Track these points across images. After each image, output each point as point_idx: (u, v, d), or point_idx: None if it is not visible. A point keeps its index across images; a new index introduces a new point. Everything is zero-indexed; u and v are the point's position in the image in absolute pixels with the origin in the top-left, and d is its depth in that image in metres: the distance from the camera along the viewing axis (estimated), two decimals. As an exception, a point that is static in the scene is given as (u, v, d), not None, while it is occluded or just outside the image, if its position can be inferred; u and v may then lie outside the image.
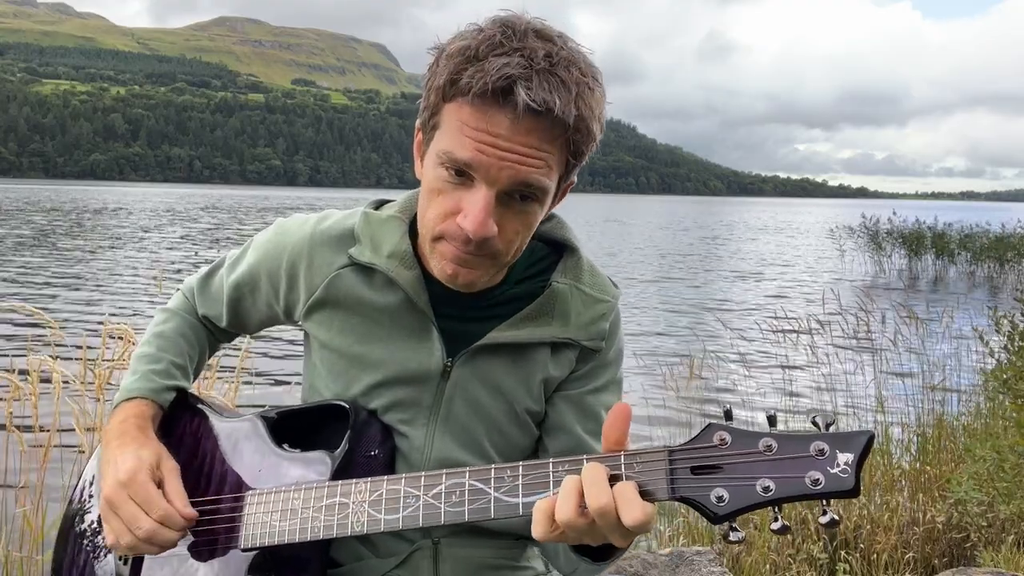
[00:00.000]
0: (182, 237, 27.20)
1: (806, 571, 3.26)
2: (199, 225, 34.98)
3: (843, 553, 3.36)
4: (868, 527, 3.50)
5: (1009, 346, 3.70)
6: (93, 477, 1.28)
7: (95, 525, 1.24)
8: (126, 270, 17.19)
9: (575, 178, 1.18)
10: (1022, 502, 3.12)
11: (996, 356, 3.88)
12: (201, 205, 61.45)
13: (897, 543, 3.43)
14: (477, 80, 0.98)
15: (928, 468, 3.97)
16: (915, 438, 4.45)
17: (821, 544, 3.41)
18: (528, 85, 0.97)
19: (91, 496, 1.27)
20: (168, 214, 44.58)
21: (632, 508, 0.85)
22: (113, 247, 22.67)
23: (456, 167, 1.03)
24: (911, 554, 3.41)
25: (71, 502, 1.30)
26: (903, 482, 4.00)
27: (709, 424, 0.89)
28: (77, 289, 14.34)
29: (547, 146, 1.02)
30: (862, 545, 3.44)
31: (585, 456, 0.92)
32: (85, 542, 1.24)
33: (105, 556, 1.21)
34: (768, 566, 3.26)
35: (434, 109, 1.07)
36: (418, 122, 1.14)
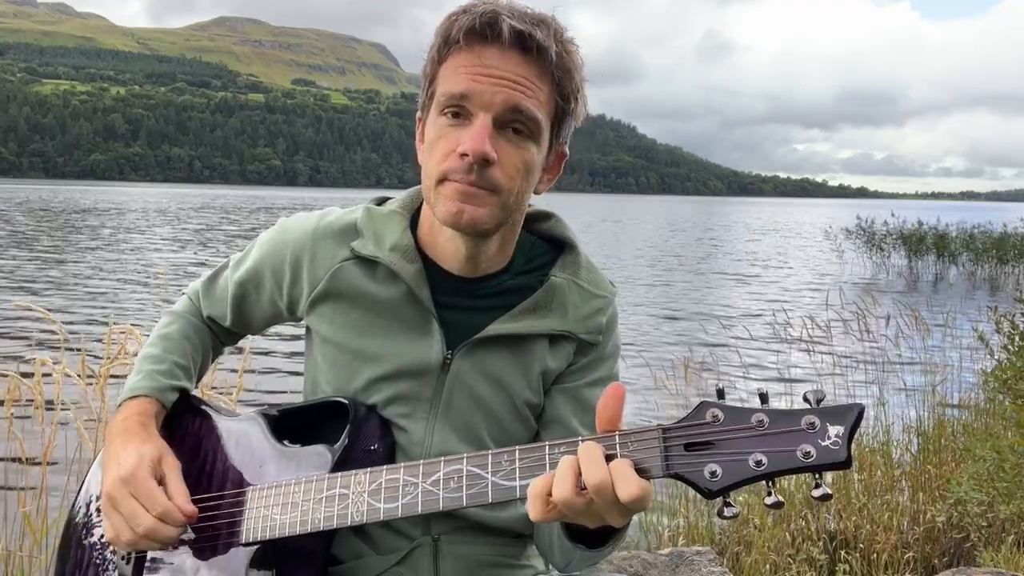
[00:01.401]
0: (172, 239, 27.17)
1: (806, 571, 3.26)
2: (193, 225, 34.96)
3: (843, 553, 3.36)
4: (868, 527, 3.50)
5: (1009, 346, 3.70)
6: (96, 480, 1.28)
7: (98, 527, 1.24)
8: (121, 271, 17.19)
9: (567, 149, 1.23)
10: (1022, 502, 3.12)
11: (996, 356, 3.88)
12: (197, 205, 61.45)
13: (897, 543, 3.44)
14: (466, 22, 1.09)
15: (929, 468, 3.97)
16: (915, 438, 4.45)
17: (821, 545, 3.41)
18: (511, 17, 1.09)
19: (95, 499, 1.28)
20: (161, 214, 44.57)
21: (628, 483, 0.86)
22: (108, 248, 22.67)
23: (453, 103, 1.10)
24: (911, 554, 3.41)
25: (74, 504, 1.31)
26: (903, 482, 4.00)
27: (702, 402, 0.91)
28: (70, 289, 14.34)
29: (536, 79, 1.11)
30: (862, 545, 3.44)
31: (580, 437, 0.93)
32: (88, 544, 1.25)
33: (108, 556, 1.22)
34: (768, 566, 3.26)
35: (431, 78, 1.14)
36: (418, 112, 1.20)
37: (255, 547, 1.12)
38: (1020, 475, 3.16)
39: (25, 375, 2.86)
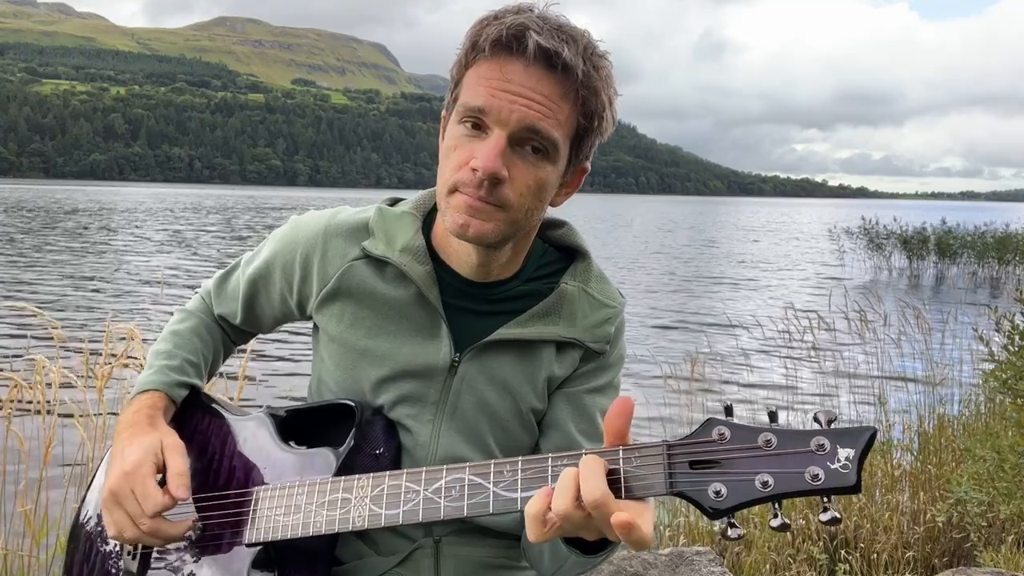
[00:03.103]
0: (160, 240, 27.09)
1: (806, 571, 3.26)
2: (182, 226, 34.88)
3: (843, 553, 3.36)
4: (868, 527, 3.50)
5: (1009, 346, 3.69)
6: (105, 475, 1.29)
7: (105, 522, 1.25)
8: (105, 273, 17.17)
9: (589, 165, 1.21)
10: (1022, 502, 3.11)
11: (996, 356, 3.87)
12: (191, 206, 61.34)
13: (897, 543, 3.44)
14: (494, 31, 1.07)
15: (929, 468, 3.97)
16: (916, 437, 4.45)
17: (821, 544, 3.41)
18: (539, 32, 1.06)
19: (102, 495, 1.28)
20: (152, 215, 44.48)
21: (636, 529, 0.84)
22: (92, 248, 22.63)
23: (471, 115, 1.08)
24: (911, 554, 3.41)
25: (84, 500, 1.32)
26: (904, 482, 4.00)
27: (708, 419, 0.89)
28: (63, 288, 14.32)
29: (557, 99, 1.08)
30: (862, 545, 3.44)
31: (584, 450, 0.92)
32: (96, 540, 1.26)
33: (115, 552, 1.22)
34: (768, 566, 3.26)
35: (456, 81, 1.13)
36: (443, 111, 1.19)
37: (258, 548, 1.12)
38: (1020, 475, 3.16)
39: (25, 376, 2.87)
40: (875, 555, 3.37)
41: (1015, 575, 2.85)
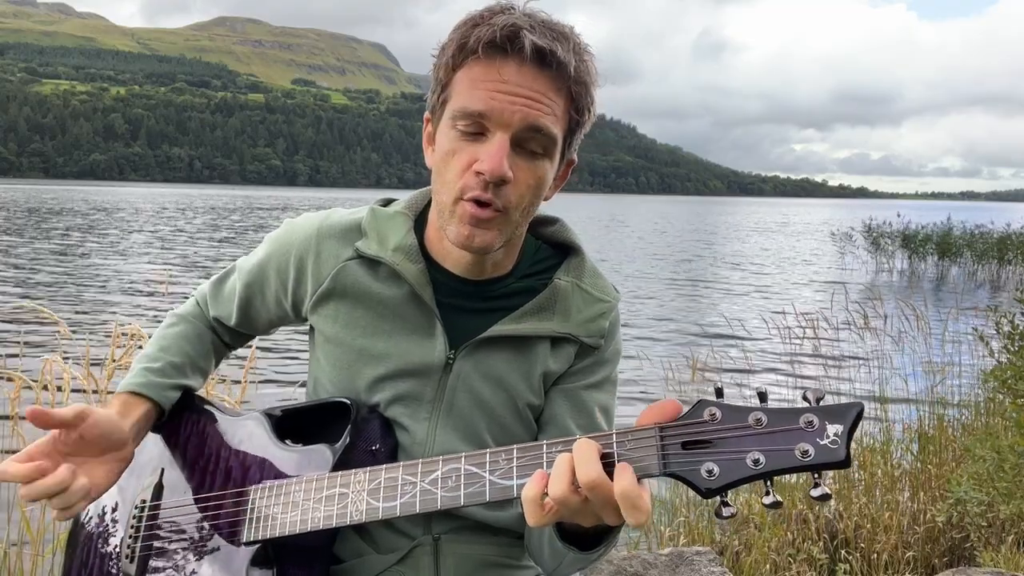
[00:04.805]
0: (146, 243, 27.03)
1: (806, 571, 3.26)
2: (172, 227, 34.82)
3: (843, 553, 3.36)
4: (868, 527, 3.50)
5: (1009, 346, 3.70)
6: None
7: (104, 526, 1.26)
8: (110, 273, 17.17)
9: (576, 156, 1.22)
10: (1022, 502, 3.12)
11: (996, 356, 3.87)
12: (185, 206, 61.22)
13: (897, 543, 3.44)
14: (485, 33, 1.06)
15: (929, 468, 3.97)
16: (916, 437, 4.45)
17: (821, 544, 3.41)
18: (532, 32, 1.06)
19: (101, 499, 1.28)
20: (145, 215, 44.42)
21: (621, 479, 0.86)
22: (93, 251, 22.61)
23: (471, 120, 1.08)
24: (911, 554, 3.41)
25: None
26: (904, 482, 4.00)
27: (700, 400, 0.90)
28: (57, 289, 14.32)
29: (552, 94, 1.09)
30: (862, 545, 3.45)
31: (577, 436, 0.93)
32: (94, 543, 1.26)
33: (114, 554, 1.23)
34: (768, 566, 3.26)
35: (444, 83, 1.12)
36: (427, 113, 1.18)
37: (256, 546, 1.12)
38: (1020, 475, 3.16)
39: (28, 373, 2.87)
40: (875, 555, 3.37)
41: (1015, 575, 2.85)
